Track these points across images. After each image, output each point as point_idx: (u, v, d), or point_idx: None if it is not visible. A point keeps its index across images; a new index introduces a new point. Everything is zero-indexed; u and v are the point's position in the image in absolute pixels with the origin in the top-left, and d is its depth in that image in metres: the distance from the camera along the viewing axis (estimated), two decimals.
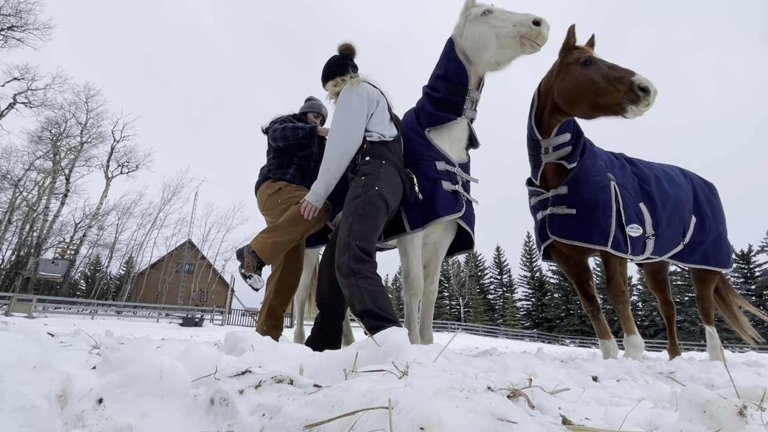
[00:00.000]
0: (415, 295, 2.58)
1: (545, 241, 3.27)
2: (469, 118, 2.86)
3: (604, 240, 2.92)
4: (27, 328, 1.56)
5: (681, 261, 3.53)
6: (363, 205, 2.06)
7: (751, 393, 0.83)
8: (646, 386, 1.42)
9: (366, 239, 1.99)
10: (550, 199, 3.19)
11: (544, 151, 3.14)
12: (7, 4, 22.21)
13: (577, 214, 3.00)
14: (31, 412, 0.63)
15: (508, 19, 2.55)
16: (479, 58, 2.69)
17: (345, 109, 2.34)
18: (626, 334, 2.95)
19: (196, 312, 22.30)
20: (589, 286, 3.32)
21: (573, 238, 3.01)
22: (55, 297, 22.47)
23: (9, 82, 24.71)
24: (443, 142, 2.77)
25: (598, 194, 2.98)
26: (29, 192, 29.34)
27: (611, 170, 3.19)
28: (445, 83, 2.78)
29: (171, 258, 35.55)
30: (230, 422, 0.71)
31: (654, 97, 2.55)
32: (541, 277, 46.87)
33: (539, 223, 3.33)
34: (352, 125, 2.31)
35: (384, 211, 2.11)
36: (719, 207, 3.73)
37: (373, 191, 2.10)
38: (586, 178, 3.03)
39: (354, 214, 2.04)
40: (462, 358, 1.54)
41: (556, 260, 3.44)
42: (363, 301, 1.87)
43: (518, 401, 0.76)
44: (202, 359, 0.93)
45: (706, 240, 3.53)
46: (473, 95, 2.79)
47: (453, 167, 2.73)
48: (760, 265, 37.11)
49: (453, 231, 2.90)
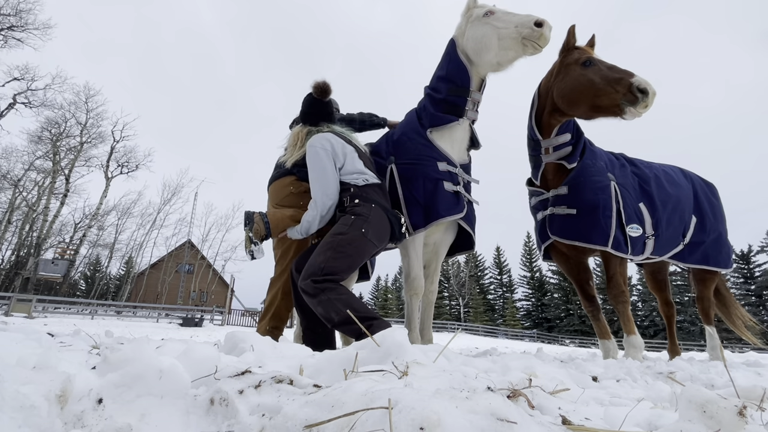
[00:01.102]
0: (416, 295, 2.59)
1: (545, 241, 3.27)
2: (471, 119, 2.85)
3: (604, 240, 2.92)
4: (26, 328, 1.56)
5: (681, 261, 3.52)
6: (345, 244, 2.08)
7: (750, 393, 0.83)
8: (645, 386, 1.42)
9: (337, 275, 2.01)
10: (550, 199, 3.19)
11: (545, 151, 3.14)
12: (7, 4, 22.22)
13: (578, 214, 3.00)
14: (30, 412, 0.63)
15: (510, 20, 2.55)
16: (481, 59, 2.69)
17: (317, 167, 2.34)
18: (626, 334, 2.95)
19: (195, 312, 22.29)
20: (589, 287, 3.32)
21: (573, 239, 3.01)
22: (54, 297, 22.46)
23: (9, 82, 24.73)
24: (445, 143, 2.77)
25: (599, 194, 2.98)
26: (29, 192, 29.36)
27: (611, 170, 3.19)
28: (447, 84, 2.78)
29: (171, 258, 35.55)
30: (230, 422, 0.71)
31: (653, 98, 2.55)
32: (540, 277, 46.88)
33: (539, 224, 3.33)
34: (326, 185, 2.31)
35: (365, 253, 2.14)
36: (719, 207, 3.72)
37: (360, 233, 2.12)
38: (586, 178, 3.03)
39: (334, 250, 2.06)
40: (462, 358, 1.54)
41: (556, 260, 3.44)
42: (339, 310, 1.91)
43: (518, 401, 0.76)
44: (202, 359, 0.93)
45: (707, 240, 3.52)
46: (475, 96, 2.79)
47: (454, 168, 2.73)
48: (760, 265, 37.14)
49: (453, 231, 2.90)
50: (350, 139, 2.52)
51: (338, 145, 2.39)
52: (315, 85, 2.58)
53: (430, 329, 2.82)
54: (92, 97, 29.45)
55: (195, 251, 35.82)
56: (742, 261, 37.52)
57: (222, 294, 35.61)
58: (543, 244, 3.31)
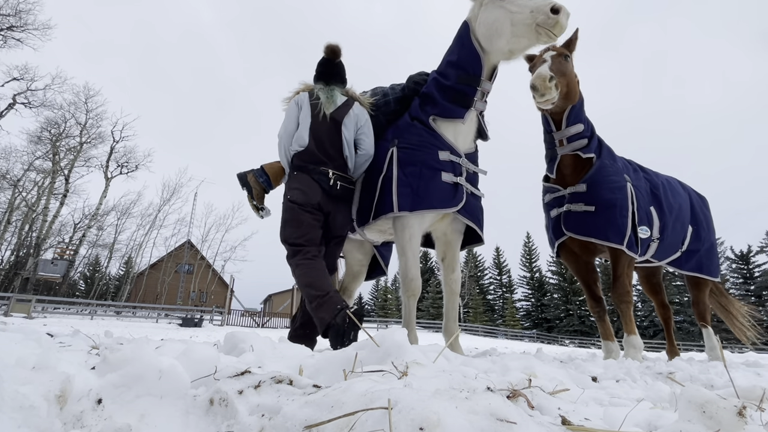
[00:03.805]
0: (413, 296, 2.53)
1: (559, 237, 3.26)
2: (479, 110, 2.71)
3: (620, 239, 2.94)
4: (26, 328, 1.56)
5: (678, 268, 3.64)
6: (282, 213, 2.55)
7: (750, 393, 0.83)
8: (645, 387, 1.42)
9: (290, 237, 2.44)
10: (566, 196, 3.18)
11: (558, 143, 3.16)
12: (7, 4, 22.21)
13: (596, 211, 3.00)
14: (30, 412, 0.63)
15: (525, 4, 2.36)
16: (492, 46, 2.53)
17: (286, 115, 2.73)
18: (626, 334, 2.97)
19: (195, 312, 22.27)
20: (596, 287, 3.34)
21: (590, 235, 3.01)
22: (54, 297, 22.45)
23: (8, 83, 24.70)
24: (448, 131, 2.63)
25: (616, 193, 3.01)
26: (28, 192, 29.32)
27: (627, 172, 3.24)
28: (457, 71, 2.62)
29: (170, 258, 35.50)
30: (229, 423, 0.71)
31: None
32: (540, 277, 46.86)
33: (553, 220, 3.32)
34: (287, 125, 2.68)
35: (298, 215, 2.47)
36: (711, 219, 3.88)
37: (285, 200, 2.55)
38: (605, 177, 3.05)
39: (281, 221, 2.53)
40: (461, 358, 1.54)
41: (565, 260, 3.46)
42: (300, 285, 2.34)
43: (518, 401, 0.76)
44: (202, 360, 0.93)
45: (701, 249, 3.64)
46: (485, 86, 2.63)
47: (458, 158, 2.60)
48: (760, 265, 37.14)
49: (462, 223, 2.75)
50: (330, 99, 2.66)
51: (305, 105, 2.65)
52: (327, 45, 2.75)
53: (455, 322, 2.66)
54: (92, 97, 29.44)
55: (194, 251, 35.78)
56: (742, 261, 37.52)
57: (221, 294, 35.59)
58: (557, 240, 3.30)
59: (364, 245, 3.42)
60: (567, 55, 3.03)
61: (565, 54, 3.02)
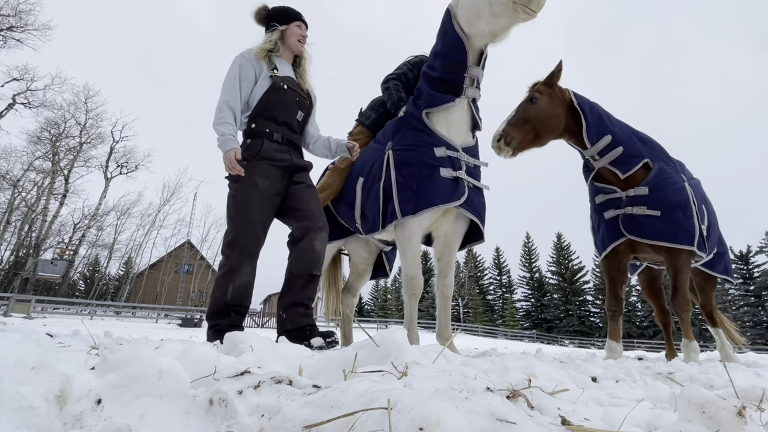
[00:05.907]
0: (414, 295, 2.50)
1: (615, 239, 3.19)
2: (471, 97, 2.64)
3: (690, 240, 2.91)
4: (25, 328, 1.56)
5: (711, 269, 3.61)
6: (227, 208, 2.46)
7: (750, 393, 0.83)
8: (645, 387, 1.42)
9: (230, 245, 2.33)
10: (624, 198, 3.12)
11: (591, 158, 3.19)
12: (7, 5, 22.22)
13: (662, 215, 2.96)
14: (29, 412, 0.63)
15: None
16: (473, 29, 2.48)
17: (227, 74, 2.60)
18: (687, 340, 3.00)
19: (195, 312, 22.27)
20: (621, 289, 3.32)
21: (658, 239, 2.97)
22: (53, 297, 22.46)
23: (8, 83, 24.72)
24: (441, 126, 2.60)
25: (680, 195, 3.00)
26: (28, 192, 29.34)
27: (682, 170, 3.28)
28: (443, 60, 2.58)
29: (170, 258, 35.53)
30: (229, 423, 0.71)
31: None
32: (540, 277, 46.87)
33: (609, 222, 3.24)
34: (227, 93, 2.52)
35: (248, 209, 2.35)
36: None
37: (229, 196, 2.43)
38: (666, 179, 3.04)
39: None
40: (461, 358, 1.54)
41: (602, 259, 3.41)
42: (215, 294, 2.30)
43: (517, 402, 0.76)
44: (201, 360, 0.93)
45: (725, 252, 3.66)
46: (473, 72, 2.58)
47: (455, 152, 2.56)
48: (759, 265, 37.17)
49: (466, 221, 2.71)
50: None
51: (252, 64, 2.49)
52: None
53: (449, 327, 2.66)
54: (92, 97, 29.49)
55: (194, 252, 35.81)
56: (741, 261, 37.53)
57: None
58: (612, 243, 3.21)
59: (369, 244, 3.42)
60: (534, 98, 3.07)
61: (533, 97, 3.07)
